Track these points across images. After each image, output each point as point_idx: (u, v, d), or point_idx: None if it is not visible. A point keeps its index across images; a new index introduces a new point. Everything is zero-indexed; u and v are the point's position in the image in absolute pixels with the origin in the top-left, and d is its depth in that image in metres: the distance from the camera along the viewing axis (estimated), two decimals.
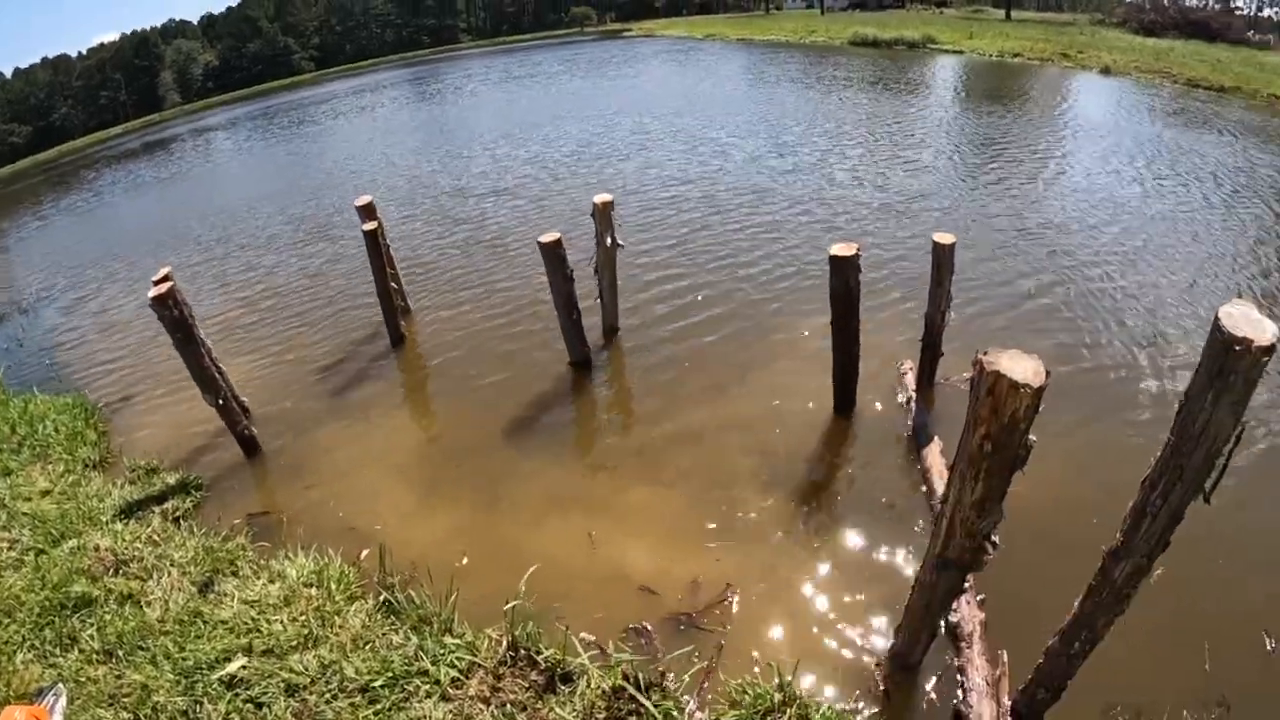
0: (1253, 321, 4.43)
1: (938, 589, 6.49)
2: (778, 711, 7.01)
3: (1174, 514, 5.25)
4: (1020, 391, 4.79)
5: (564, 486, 10.51)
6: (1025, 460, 5.33)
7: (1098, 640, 6.31)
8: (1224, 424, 4.72)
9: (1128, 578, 5.72)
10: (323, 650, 7.67)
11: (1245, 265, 16.60)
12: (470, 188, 25.67)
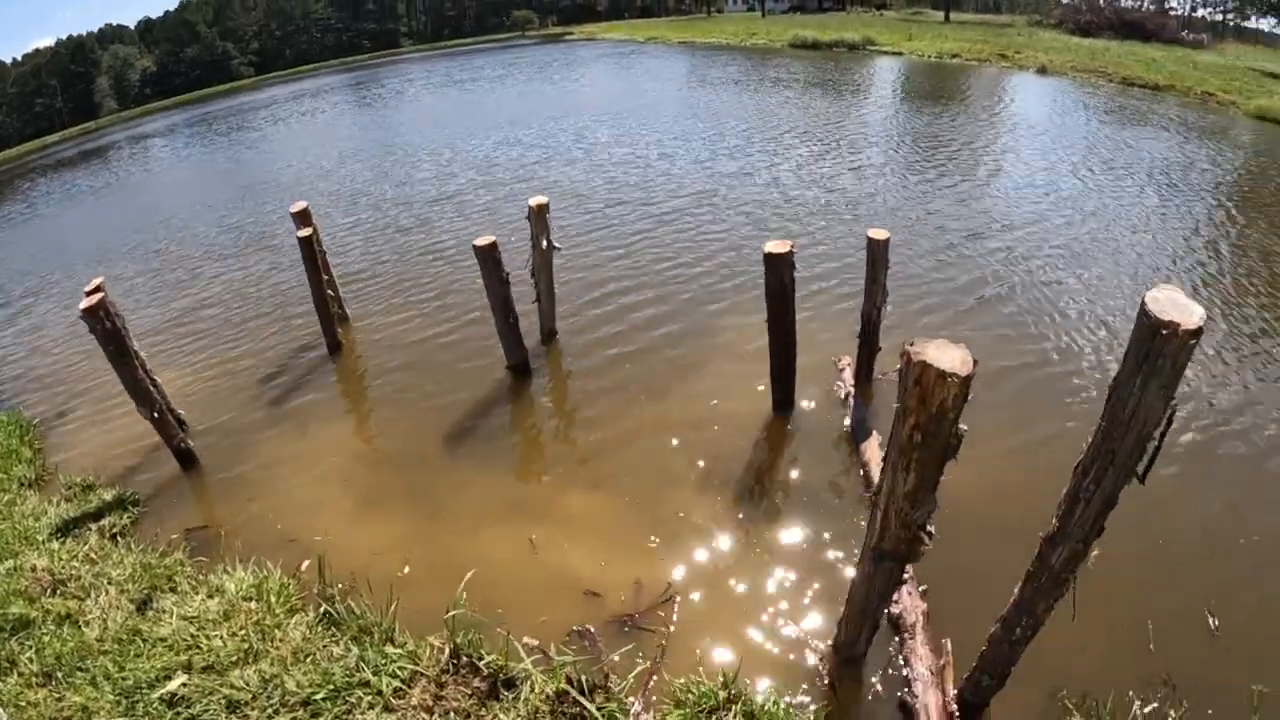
0: (1179, 305, 4.24)
1: (876, 581, 6.24)
2: (722, 709, 6.75)
3: (1107, 499, 5.02)
4: (947, 381, 4.54)
5: (504, 492, 10.15)
6: (957, 449, 5.07)
7: (1039, 625, 6.08)
8: (1154, 408, 4.50)
9: (1065, 563, 5.50)
10: (263, 664, 7.30)
11: (1186, 256, 16.66)
12: (412, 194, 24.93)
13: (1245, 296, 14.58)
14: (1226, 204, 19.92)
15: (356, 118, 41.94)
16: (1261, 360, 12.39)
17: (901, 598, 7.62)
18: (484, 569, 8.27)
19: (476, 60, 66.97)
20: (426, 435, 11.36)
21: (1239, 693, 7.03)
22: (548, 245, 11.90)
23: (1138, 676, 7.32)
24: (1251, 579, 8.41)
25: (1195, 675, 7.33)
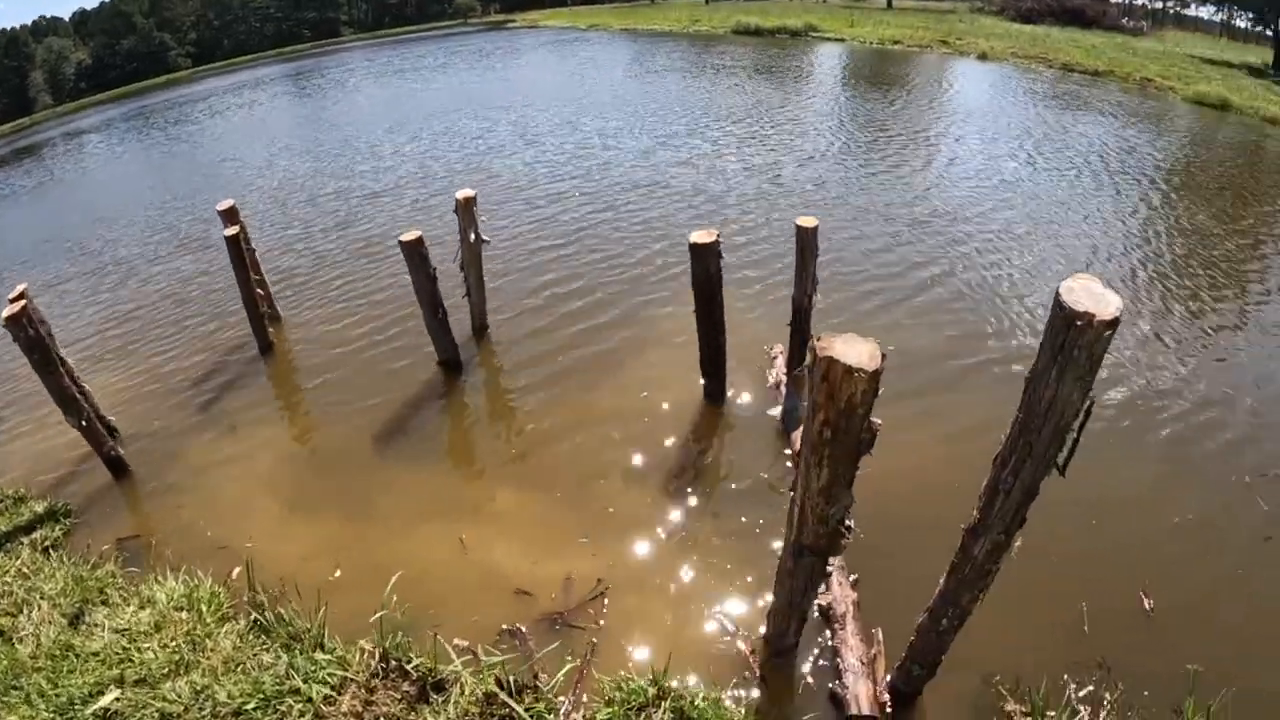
0: (1095, 296, 3.99)
1: (798, 576, 5.99)
2: (651, 706, 6.47)
3: (1027, 490, 4.78)
4: (855, 376, 4.29)
5: (434, 491, 9.74)
6: (870, 444, 4.81)
7: (966, 615, 5.85)
8: (1071, 399, 4.26)
9: (988, 554, 5.27)
10: (195, 676, 6.95)
11: (1128, 239, 16.62)
12: (350, 189, 23.77)
13: (1184, 278, 14.51)
14: (1166, 187, 19.89)
15: (296, 110, 40.37)
16: (1199, 342, 12.32)
17: (832, 588, 7.40)
18: (414, 570, 7.97)
19: (418, 49, 64.87)
20: (357, 434, 10.92)
21: (1175, 674, 6.87)
22: (476, 238, 11.49)
23: (1073, 661, 7.14)
24: (1186, 559, 8.28)
25: (1131, 657, 7.17)
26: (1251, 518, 8.84)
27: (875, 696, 6.60)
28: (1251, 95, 31.25)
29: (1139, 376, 11.22)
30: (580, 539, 8.63)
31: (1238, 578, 8.09)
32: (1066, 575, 7.97)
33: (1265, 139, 25.53)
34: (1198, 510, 8.87)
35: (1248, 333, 12.62)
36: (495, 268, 14.96)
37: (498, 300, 13.92)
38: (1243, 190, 19.72)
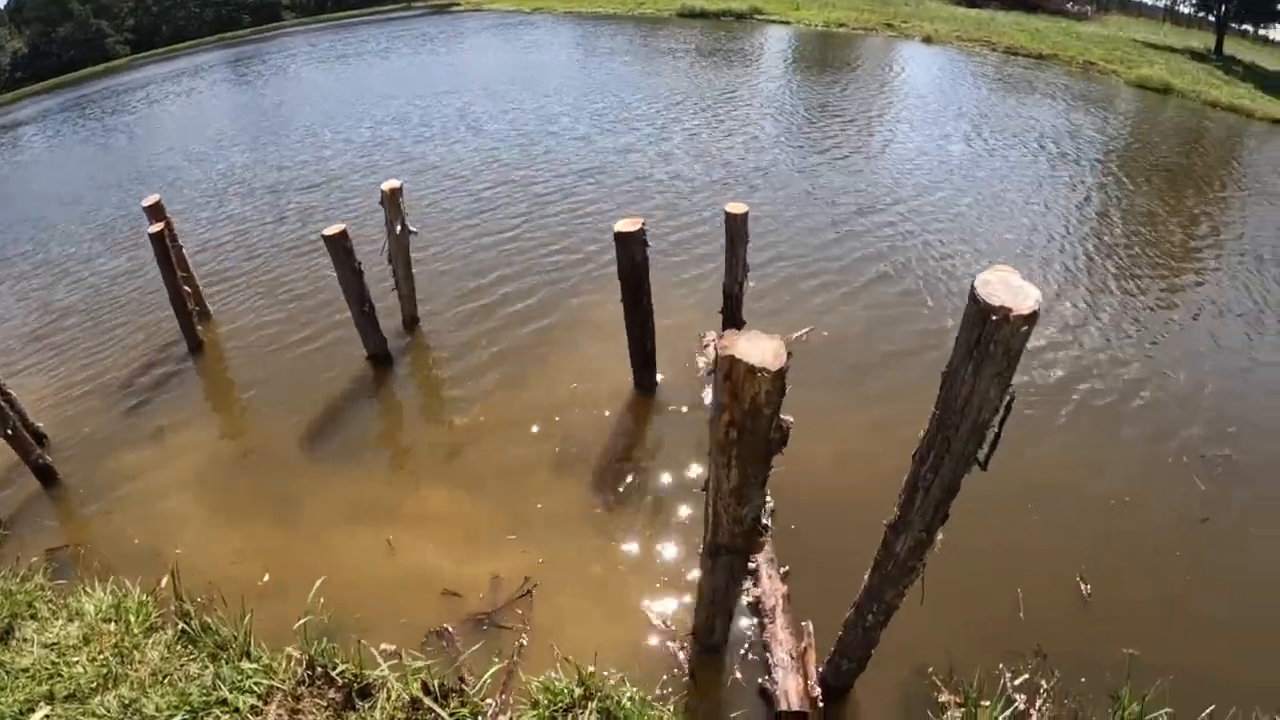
0: (1013, 289, 3.69)
1: (717, 574, 5.65)
2: (578, 707, 6.15)
3: (947, 487, 4.47)
4: (758, 376, 3.93)
5: (362, 491, 9.24)
6: (782, 443, 4.46)
7: (892, 610, 5.56)
8: (988, 396, 3.96)
9: (910, 551, 4.97)
10: (123, 689, 6.55)
11: (1074, 221, 16.37)
12: (289, 180, 22.43)
13: (1126, 259, 14.40)
14: (1110, 169, 19.74)
15: (236, 98, 38.60)
16: (1138, 324, 12.16)
17: (761, 581, 7.10)
18: (342, 573, 7.61)
19: (361, 33, 62.34)
20: (286, 434, 10.37)
21: (1112, 659, 6.65)
22: (403, 230, 10.97)
23: (1008, 649, 6.91)
24: (1123, 543, 8.05)
25: (1067, 644, 6.95)
26: (1189, 499, 8.65)
27: (806, 691, 6.31)
28: (1194, 79, 31.24)
29: (1075, 358, 10.99)
30: (509, 536, 8.25)
31: (1175, 560, 7.88)
32: (1001, 562, 7.70)
33: (1206, 122, 25.45)
34: (1135, 493, 8.65)
35: (1185, 314, 12.43)
36: (433, 260, 14.51)
37: (433, 293, 13.38)
38: (1184, 172, 19.61)
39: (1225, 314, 12.41)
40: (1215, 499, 8.62)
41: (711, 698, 6.58)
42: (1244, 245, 15.06)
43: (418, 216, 15.58)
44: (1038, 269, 13.56)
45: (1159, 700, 6.11)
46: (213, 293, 14.12)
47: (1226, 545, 8.07)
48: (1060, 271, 13.62)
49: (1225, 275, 13.84)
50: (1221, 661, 6.79)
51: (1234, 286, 13.34)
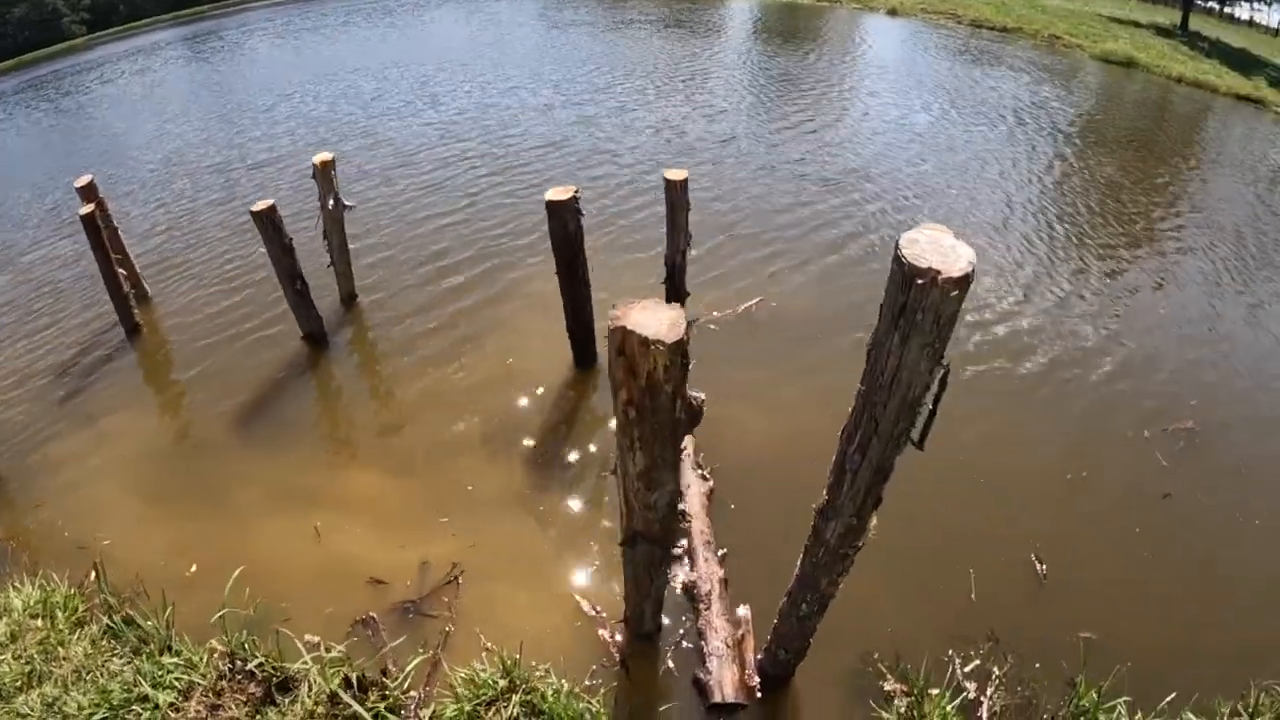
0: (943, 249, 3.11)
1: (638, 562, 5.12)
2: (501, 700, 5.66)
3: (877, 469, 3.95)
4: (653, 349, 3.35)
5: (292, 477, 8.55)
6: (694, 422, 3.94)
7: (828, 599, 5.04)
8: (918, 369, 3.40)
9: (841, 538, 4.45)
10: (47, 687, 6.13)
11: (1043, 194, 15.81)
12: (238, 158, 20.92)
13: (1093, 231, 13.92)
14: (1079, 143, 19.12)
15: (192, 75, 36.62)
16: (1102, 293, 11.72)
17: (698, 565, 6.55)
18: (269, 561, 7.15)
19: (320, 7, 58.56)
20: (218, 419, 9.72)
21: (1069, 644, 6.24)
22: (335, 204, 10.31)
23: (959, 634, 6.45)
24: (1082, 520, 7.59)
25: (1022, 628, 6.48)
26: (1149, 475, 8.19)
27: (742, 682, 5.77)
28: (1159, 54, 30.68)
29: (1033, 329, 10.51)
30: (441, 519, 7.69)
31: (1135, 537, 7.42)
32: (953, 542, 7.22)
33: (1171, 97, 24.95)
34: (1094, 468, 8.18)
35: (1146, 284, 12.00)
36: (378, 235, 13.83)
37: (376, 269, 12.67)
38: (1148, 146, 19.08)
39: (1187, 284, 11.96)
40: (1177, 474, 8.17)
41: (644, 688, 6.09)
42: (1205, 217, 14.61)
43: (368, 193, 15.02)
44: (998, 238, 13.08)
45: (1116, 688, 5.69)
46: (153, 274, 13.24)
47: (1188, 522, 7.63)
48: (1020, 241, 13.12)
49: (1187, 246, 13.38)
50: (1183, 644, 6.38)
51: (1196, 258, 12.90)
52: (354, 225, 13.97)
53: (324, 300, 11.11)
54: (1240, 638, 6.45)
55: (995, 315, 10.84)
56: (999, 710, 5.86)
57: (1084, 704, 5.65)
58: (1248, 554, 7.27)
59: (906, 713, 5.67)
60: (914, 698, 5.73)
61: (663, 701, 5.94)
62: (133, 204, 16.85)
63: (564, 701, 5.59)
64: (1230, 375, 9.84)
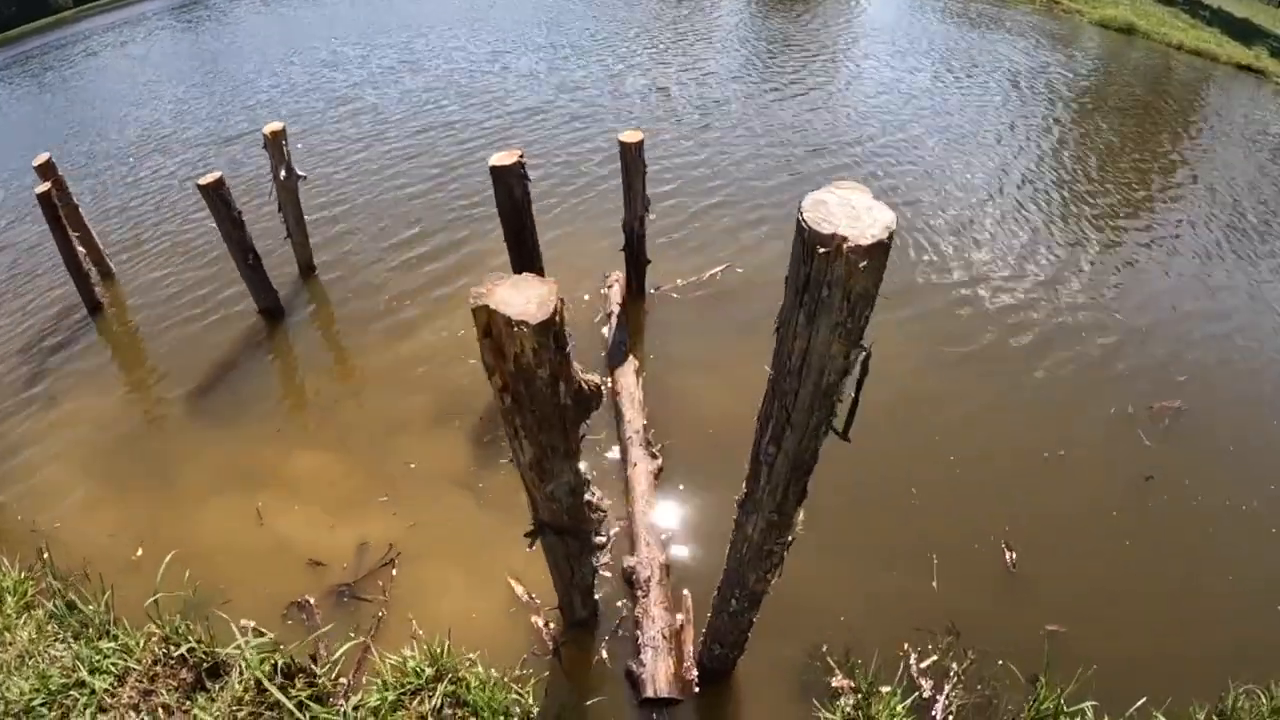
0: (855, 212, 2.52)
1: (556, 552, 4.59)
2: (427, 689, 5.25)
3: (795, 463, 3.36)
4: (517, 330, 2.79)
5: (239, 457, 8.07)
6: (588, 407, 3.35)
7: (759, 596, 4.52)
8: (829, 353, 2.82)
9: (764, 534, 3.89)
10: None
11: (1043, 159, 14.93)
12: (214, 131, 19.65)
13: (1086, 201, 13.08)
14: (1076, 108, 18.12)
15: (176, 46, 35.02)
16: (1092, 263, 11.06)
17: (638, 549, 6.03)
18: (212, 543, 6.83)
19: None
20: (173, 398, 9.25)
21: (1036, 638, 5.80)
22: (288, 174, 9.74)
23: (919, 625, 5.96)
24: (1057, 502, 7.04)
25: (986, 620, 5.98)
26: (1133, 455, 7.62)
27: (677, 675, 5.29)
28: (1159, 21, 29.52)
29: (1017, 301, 9.86)
30: (380, 498, 7.26)
31: (1114, 523, 6.87)
32: (916, 524, 6.72)
33: (1171, 64, 24.02)
34: (1072, 447, 7.61)
35: (1137, 256, 11.24)
36: (344, 205, 13.16)
37: (339, 240, 12.07)
38: (1148, 114, 18.14)
39: (1184, 258, 11.20)
40: (1161, 455, 7.59)
41: (576, 679, 5.63)
42: (1205, 189, 13.75)
43: (341, 162, 14.61)
44: (992, 206, 12.34)
45: (1084, 689, 5.17)
46: (119, 251, 12.65)
47: (1170, 508, 7.06)
48: (1014, 208, 12.35)
49: (1185, 219, 12.54)
50: (1159, 641, 5.89)
51: (1194, 231, 12.09)
52: (322, 195, 13.48)
53: (286, 271, 10.71)
54: (1220, 634, 5.90)
55: (987, 289, 10.20)
56: (956, 710, 5.30)
57: (1046, 707, 5.11)
58: (1232, 543, 6.65)
59: (852, 712, 5.11)
60: (861, 695, 5.17)
61: (596, 694, 5.48)
62: (105, 180, 16.22)
63: (489, 692, 5.17)
64: (1225, 353, 9.13)
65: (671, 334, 9.06)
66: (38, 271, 12.63)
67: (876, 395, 3.47)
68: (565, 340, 2.95)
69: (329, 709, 5.27)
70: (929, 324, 9.29)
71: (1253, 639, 5.84)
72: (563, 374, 3.08)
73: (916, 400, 7.92)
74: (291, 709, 5.16)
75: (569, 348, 3.00)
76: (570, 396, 3.20)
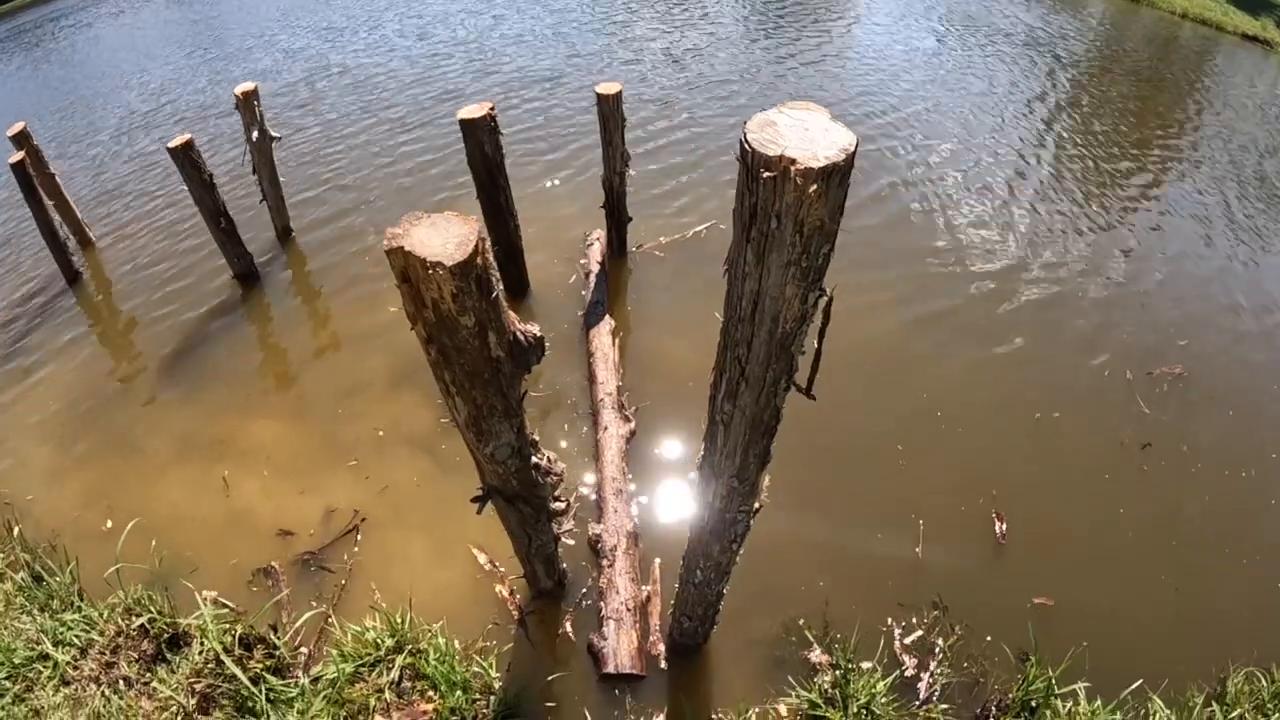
0: (808, 133, 2.17)
1: (509, 519, 4.31)
2: (386, 660, 5.09)
3: (754, 422, 3.08)
4: (432, 273, 2.55)
5: (204, 426, 7.87)
6: (527, 360, 3.06)
7: (725, 567, 4.24)
8: (784, 296, 2.49)
9: (725, 500, 3.60)
10: None
11: (1053, 128, 14.33)
12: (208, 104, 18.46)
13: (1099, 164, 12.68)
14: (1081, 73, 17.52)
15: (169, 15, 34.95)
16: (1093, 225, 10.72)
17: (605, 516, 5.76)
18: (177, 513, 6.72)
19: None
20: (146, 366, 9.02)
21: (1026, 612, 5.63)
22: (260, 136, 9.39)
23: (904, 599, 5.75)
24: (1049, 470, 6.79)
25: (974, 594, 5.75)
26: (1129, 422, 7.35)
27: (640, 650, 5.02)
28: None
29: (1016, 262, 9.53)
30: (350, 462, 7.07)
31: (1108, 490, 6.65)
32: (903, 492, 6.46)
33: (1178, 33, 23.48)
34: (1067, 411, 7.38)
35: (1140, 220, 10.83)
36: (332, 169, 12.79)
37: (322, 202, 11.74)
38: (1154, 81, 17.64)
39: (1188, 225, 10.75)
40: (1159, 422, 7.34)
41: (540, 653, 5.43)
42: (1210, 156, 13.24)
43: (341, 132, 14.10)
44: (995, 168, 11.96)
45: (1076, 668, 4.96)
46: (100, 220, 12.31)
47: (1167, 476, 6.81)
48: (1014, 168, 11.96)
49: (1191, 186, 12.07)
50: (1154, 617, 5.65)
51: (1200, 198, 11.63)
52: (309, 160, 13.10)
53: (264, 236, 10.50)
54: (1219, 611, 5.64)
55: (983, 249, 9.92)
56: (941, 689, 5.04)
57: (1037, 687, 4.85)
58: (1232, 514, 6.35)
59: (830, 690, 4.86)
60: (840, 672, 4.91)
61: (561, 668, 5.26)
62: (90, 151, 15.72)
63: (448, 665, 4.97)
64: (1227, 319, 8.76)
65: (652, 293, 8.77)
66: (23, 243, 12.28)
67: (865, 354, 3.22)
68: (491, 285, 2.65)
69: (286, 681, 5.12)
70: (921, 283, 8.99)
71: (1252, 617, 5.56)
72: (491, 323, 2.78)
73: (905, 360, 7.68)
74: (245, 682, 4.99)
75: (495, 294, 2.68)
76: (504, 348, 2.89)
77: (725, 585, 4.44)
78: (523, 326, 3.01)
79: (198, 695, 5.04)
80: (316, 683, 5.05)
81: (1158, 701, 4.84)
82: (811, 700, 4.80)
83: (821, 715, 4.70)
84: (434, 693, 4.89)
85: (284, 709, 4.89)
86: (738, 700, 4.95)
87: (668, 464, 6.62)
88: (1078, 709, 4.77)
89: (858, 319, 8.03)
